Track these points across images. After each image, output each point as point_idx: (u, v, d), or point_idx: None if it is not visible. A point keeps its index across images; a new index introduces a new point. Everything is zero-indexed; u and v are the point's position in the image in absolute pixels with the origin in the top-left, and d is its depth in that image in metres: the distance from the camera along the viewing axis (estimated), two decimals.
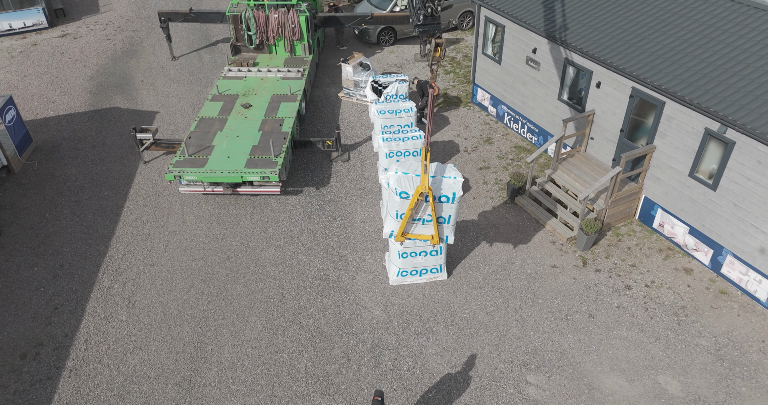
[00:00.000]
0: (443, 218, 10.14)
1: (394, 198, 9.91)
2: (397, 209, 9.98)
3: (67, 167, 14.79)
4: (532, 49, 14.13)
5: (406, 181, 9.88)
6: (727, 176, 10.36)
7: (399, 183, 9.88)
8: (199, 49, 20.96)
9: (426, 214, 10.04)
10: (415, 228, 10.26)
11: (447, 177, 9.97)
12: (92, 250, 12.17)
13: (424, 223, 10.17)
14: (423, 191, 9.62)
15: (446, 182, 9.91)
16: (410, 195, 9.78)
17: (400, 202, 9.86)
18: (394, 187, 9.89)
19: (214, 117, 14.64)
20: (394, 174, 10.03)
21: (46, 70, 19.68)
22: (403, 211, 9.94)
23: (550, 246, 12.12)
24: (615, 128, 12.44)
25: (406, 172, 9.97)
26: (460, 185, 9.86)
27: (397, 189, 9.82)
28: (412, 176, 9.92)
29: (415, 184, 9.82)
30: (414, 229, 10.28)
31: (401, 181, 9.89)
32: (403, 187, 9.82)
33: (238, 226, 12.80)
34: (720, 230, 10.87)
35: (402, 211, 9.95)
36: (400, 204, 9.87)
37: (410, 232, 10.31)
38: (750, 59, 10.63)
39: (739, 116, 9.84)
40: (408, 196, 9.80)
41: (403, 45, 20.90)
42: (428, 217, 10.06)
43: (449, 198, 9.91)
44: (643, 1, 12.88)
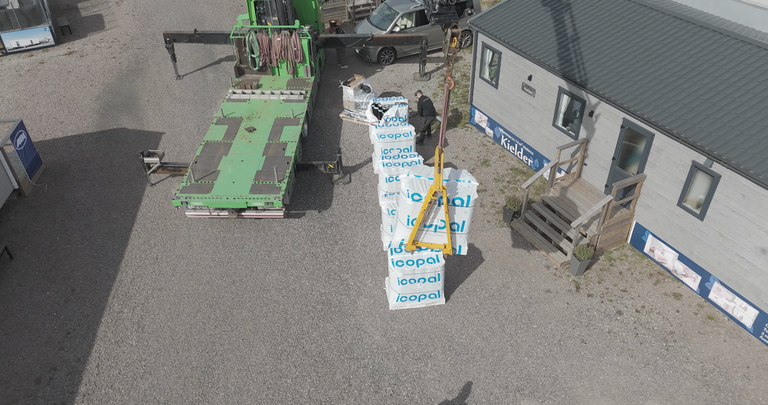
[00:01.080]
0: (457, 224, 9.84)
1: (406, 201, 9.61)
2: (408, 214, 9.68)
3: (77, 190, 15.23)
4: (528, 76, 14.57)
5: (419, 184, 9.63)
6: (714, 207, 10.78)
7: (411, 185, 9.66)
8: (203, 67, 21.40)
9: (438, 220, 9.74)
10: (426, 236, 9.95)
11: (461, 180, 9.77)
12: (102, 274, 12.60)
13: (436, 230, 9.87)
14: (437, 190, 9.35)
15: (461, 185, 9.68)
16: (423, 197, 9.53)
17: (412, 206, 9.56)
18: (406, 190, 9.62)
19: (219, 141, 15.08)
20: (406, 177, 9.82)
21: (54, 89, 20.13)
22: (414, 216, 9.65)
23: (544, 270, 12.54)
24: (607, 156, 12.87)
25: (418, 175, 9.76)
26: (474, 189, 9.61)
27: (410, 191, 9.56)
28: (424, 179, 9.67)
29: (427, 185, 9.57)
30: (425, 237, 9.98)
31: (414, 184, 9.66)
32: (416, 190, 9.58)
33: (242, 249, 13.23)
34: (707, 258, 11.29)
35: (414, 216, 9.66)
36: (412, 207, 9.58)
37: (421, 241, 10.03)
38: (736, 94, 11.05)
39: (724, 151, 10.27)
40: (420, 199, 9.55)
41: (402, 64, 21.33)
42: (441, 223, 9.75)
43: (464, 201, 9.63)
44: (635, 32, 13.33)
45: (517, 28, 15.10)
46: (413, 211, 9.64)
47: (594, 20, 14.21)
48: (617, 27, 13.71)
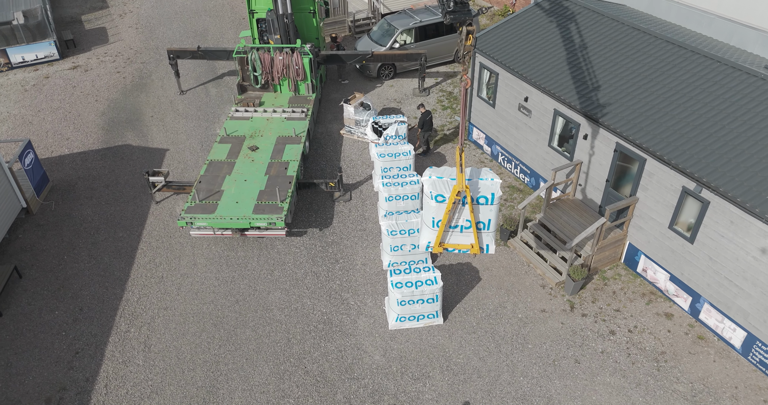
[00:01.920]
0: (483, 223, 9.80)
1: (430, 203, 9.61)
2: (433, 216, 9.65)
3: (83, 208, 15.56)
4: (524, 98, 14.91)
5: (441, 185, 9.62)
6: (703, 232, 11.11)
7: (434, 187, 9.65)
8: (206, 82, 21.74)
9: (464, 220, 9.71)
10: (453, 237, 9.92)
11: (484, 179, 9.76)
12: (109, 294, 12.94)
13: (462, 230, 9.84)
14: (460, 190, 9.34)
15: (483, 183, 9.67)
16: (446, 198, 9.53)
17: (436, 207, 9.54)
18: (429, 191, 9.61)
19: (222, 160, 15.41)
20: (428, 179, 9.80)
21: (59, 104, 20.48)
22: (439, 218, 9.63)
23: (540, 290, 12.87)
24: (601, 178, 13.20)
25: (440, 176, 9.76)
26: (498, 186, 9.61)
27: (432, 193, 9.56)
28: (447, 180, 9.68)
29: (450, 186, 9.58)
30: (451, 238, 9.95)
31: (436, 185, 9.65)
32: (439, 191, 9.58)
33: (246, 268, 13.56)
34: (697, 280, 11.62)
35: (438, 218, 9.63)
36: (436, 209, 9.56)
37: (448, 242, 10.01)
38: (725, 120, 11.39)
39: (713, 178, 10.60)
40: (444, 200, 9.54)
41: (402, 79, 21.67)
42: (466, 223, 9.71)
43: (488, 199, 9.62)
44: (629, 56, 13.66)
45: (514, 50, 15.44)
46: (437, 213, 9.61)
47: (589, 43, 14.55)
48: (612, 50, 14.05)
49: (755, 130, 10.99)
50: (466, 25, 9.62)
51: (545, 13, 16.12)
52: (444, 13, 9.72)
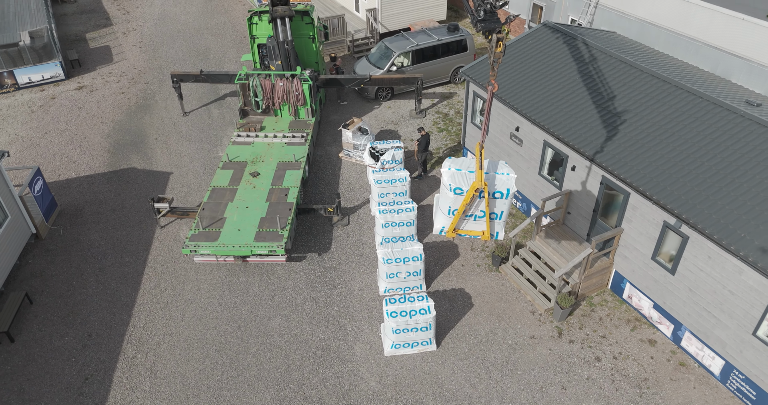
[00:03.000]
0: (495, 214, 10.53)
1: (448, 194, 10.22)
2: (449, 205, 10.30)
3: (90, 232, 16.12)
4: (516, 127, 15.46)
5: (460, 178, 10.25)
6: (683, 264, 11.65)
7: (453, 179, 10.26)
8: (209, 103, 22.30)
9: (478, 210, 10.37)
10: (466, 224, 10.62)
11: (500, 173, 10.37)
12: (116, 319, 13.48)
13: (475, 219, 10.55)
14: (479, 187, 9.96)
15: (500, 178, 10.34)
16: (464, 191, 10.13)
17: (453, 198, 10.18)
18: (448, 183, 10.21)
19: (225, 186, 15.97)
20: (447, 171, 10.37)
21: (66, 126, 21.05)
22: (455, 208, 10.26)
23: (529, 316, 13.40)
24: (589, 208, 13.75)
25: (459, 168, 10.34)
26: (513, 181, 10.23)
27: (451, 185, 10.18)
28: (465, 173, 10.28)
29: (469, 180, 10.17)
30: (465, 225, 10.64)
31: (455, 178, 10.27)
32: (457, 184, 10.21)
33: (247, 294, 14.10)
34: (678, 309, 12.16)
35: (455, 208, 10.27)
36: (453, 200, 10.20)
37: (461, 228, 10.65)
38: (705, 157, 11.93)
39: (691, 215, 11.14)
40: (462, 192, 10.15)
41: (399, 100, 22.23)
42: (480, 213, 10.39)
43: (503, 194, 10.30)
44: (616, 89, 14.19)
45: (506, 80, 15.99)
46: (454, 203, 10.18)
47: (579, 75, 15.09)
48: (600, 83, 14.60)
49: (732, 168, 11.53)
50: (496, 33, 10.16)
51: (537, 43, 16.66)
52: (474, 22, 10.26)
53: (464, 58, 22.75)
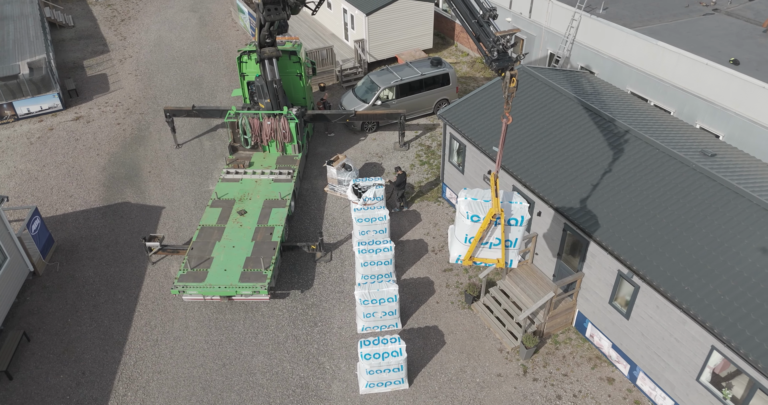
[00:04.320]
0: (510, 241, 11.05)
1: (465, 222, 10.72)
2: (466, 233, 10.81)
3: (85, 269, 16.95)
4: (488, 171, 16.31)
5: (477, 206, 10.86)
6: (636, 311, 12.49)
7: (470, 208, 10.83)
8: (201, 135, 23.15)
9: (494, 238, 10.90)
10: (482, 252, 11.13)
11: (514, 202, 11.00)
12: (108, 357, 14.31)
13: (491, 247, 11.06)
14: (496, 213, 10.53)
15: (514, 207, 10.94)
16: (481, 218, 10.68)
17: (470, 226, 10.70)
18: (465, 211, 10.73)
19: (213, 225, 16.81)
20: (464, 200, 10.98)
21: (63, 159, 21.89)
22: (472, 235, 10.80)
23: (497, 354, 14.23)
24: (554, 251, 14.59)
25: (475, 198, 11.00)
26: (527, 209, 10.89)
27: (468, 213, 10.73)
28: (481, 201, 10.92)
29: (485, 208, 10.74)
30: (480, 253, 11.15)
31: (472, 206, 10.86)
32: (475, 211, 10.77)
33: (232, 331, 14.93)
34: (633, 351, 12.99)
35: (471, 235, 10.80)
36: (470, 227, 10.73)
37: (477, 256, 11.20)
38: (656, 210, 12.78)
39: (641, 266, 11.98)
40: (479, 219, 10.69)
41: (384, 132, 23.08)
42: (495, 241, 10.91)
43: (518, 221, 10.87)
44: (580, 138, 15.05)
45: (479, 124, 16.83)
46: (471, 231, 10.81)
47: (546, 121, 15.94)
48: (565, 131, 15.44)
49: (680, 222, 12.37)
50: (509, 70, 11.01)
51: None
52: (489, 62, 11.15)
53: (447, 91, 23.62)
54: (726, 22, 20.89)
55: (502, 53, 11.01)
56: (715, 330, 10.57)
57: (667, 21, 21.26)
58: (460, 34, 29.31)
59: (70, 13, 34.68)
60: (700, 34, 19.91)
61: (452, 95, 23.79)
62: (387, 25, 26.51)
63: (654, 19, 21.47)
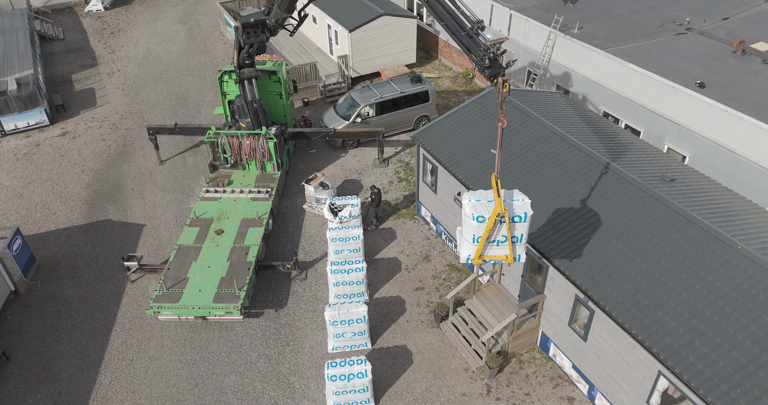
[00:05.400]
0: (516, 237, 11.51)
1: (471, 223, 11.23)
2: (473, 233, 11.31)
3: (65, 287, 17.35)
4: (457, 192, 16.74)
5: (481, 207, 11.34)
6: (592, 334, 12.91)
7: (475, 209, 11.31)
8: (184, 151, 23.55)
9: (500, 235, 11.40)
10: (490, 250, 11.61)
11: (516, 200, 11.49)
12: (84, 377, 14.71)
13: (498, 244, 11.54)
14: (500, 212, 11.04)
15: (516, 204, 11.40)
16: (486, 218, 11.17)
17: (477, 226, 11.20)
18: (470, 213, 11.24)
19: (190, 245, 17.21)
20: (468, 202, 11.47)
21: (48, 175, 22.29)
22: (479, 235, 11.29)
23: (463, 373, 14.64)
24: (518, 273, 15.01)
25: (479, 199, 11.49)
26: (529, 205, 11.37)
27: (474, 214, 11.23)
28: (484, 202, 11.41)
29: (489, 208, 11.22)
30: (489, 251, 11.63)
31: (477, 208, 11.34)
32: (480, 213, 11.26)
33: (206, 351, 15.34)
34: (591, 372, 13.41)
35: (478, 235, 11.29)
36: (477, 228, 11.22)
37: (486, 254, 11.68)
38: (611, 235, 13.20)
39: (595, 292, 12.41)
40: (484, 220, 11.18)
41: (365, 148, 23.49)
42: (502, 238, 11.40)
43: (521, 217, 11.33)
44: (545, 162, 15.48)
45: (450, 146, 17.23)
46: (478, 231, 11.32)
47: (513, 145, 16.34)
48: (532, 154, 15.86)
49: (634, 247, 12.79)
50: (501, 76, 11.54)
51: (481, 109, 17.94)
52: (482, 70, 11.75)
53: (427, 108, 24.05)
54: (697, 43, 21.34)
55: (493, 61, 11.60)
56: (661, 356, 10.99)
57: (641, 41, 21.71)
58: (443, 48, 29.75)
59: (60, 26, 35.08)
60: (670, 56, 20.35)
61: (432, 112, 24.23)
62: (370, 41, 26.96)
63: (627, 39, 21.92)
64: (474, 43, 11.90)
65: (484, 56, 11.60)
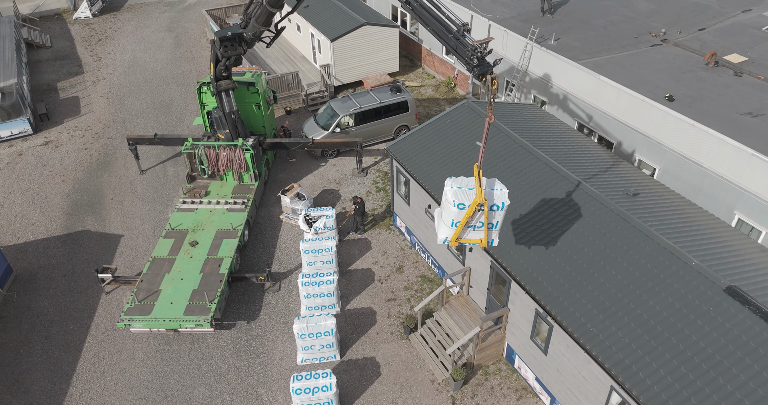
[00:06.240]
0: (492, 224, 12.12)
1: (452, 209, 11.78)
2: (452, 218, 11.88)
3: (41, 299, 17.53)
4: (428, 205, 16.94)
5: (462, 195, 11.84)
6: (551, 348, 13.12)
7: (456, 196, 11.81)
8: (165, 160, 23.73)
9: (478, 222, 12.00)
10: (468, 234, 12.19)
11: (495, 189, 12.03)
12: (56, 389, 14.89)
13: (474, 229, 12.13)
14: (480, 202, 11.56)
15: (496, 193, 11.95)
16: (466, 205, 11.71)
17: (456, 212, 11.74)
18: (452, 200, 11.78)
19: (164, 257, 17.40)
20: (450, 188, 12.00)
21: (29, 185, 22.47)
22: (458, 220, 11.84)
23: (429, 385, 14.84)
24: (484, 286, 15.21)
25: (460, 186, 12.00)
26: (506, 195, 11.94)
27: (455, 201, 11.74)
28: (465, 190, 11.94)
29: (470, 196, 11.77)
30: (466, 235, 12.22)
31: (458, 195, 11.84)
32: (461, 200, 11.75)
33: (177, 362, 15.52)
34: (551, 385, 13.62)
35: (457, 220, 11.85)
36: (456, 214, 11.76)
37: (463, 238, 12.27)
38: (572, 251, 13.40)
39: (553, 306, 12.61)
40: (464, 207, 11.70)
41: (345, 158, 23.69)
42: (479, 224, 12.02)
43: (499, 206, 11.90)
44: (514, 176, 15.62)
45: (422, 159, 17.43)
46: (457, 216, 11.86)
47: (484, 159, 16.51)
48: (501, 168, 16.04)
49: (592, 263, 12.99)
50: (489, 74, 12.15)
51: (454, 122, 18.14)
52: (471, 69, 12.35)
53: (406, 118, 24.25)
54: (671, 55, 21.57)
55: (481, 60, 12.15)
56: (612, 371, 11.20)
57: (615, 52, 21.93)
58: (426, 57, 29.97)
59: (48, 33, 35.27)
60: (643, 68, 20.57)
61: (411, 121, 24.43)
62: (352, 51, 27.16)
63: (603, 50, 22.14)
64: (461, 44, 12.44)
65: (471, 56, 12.17)
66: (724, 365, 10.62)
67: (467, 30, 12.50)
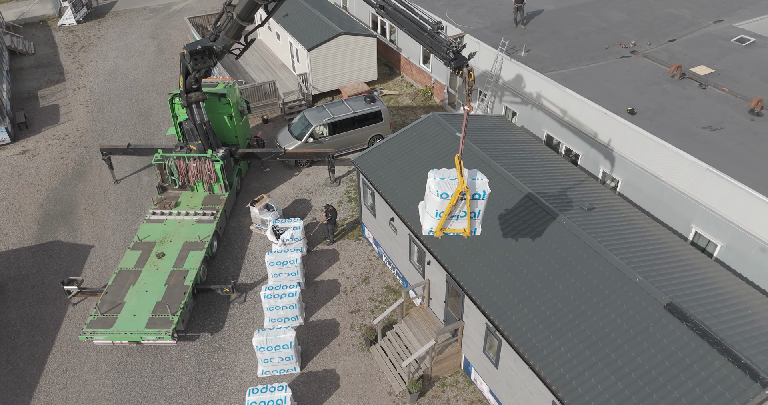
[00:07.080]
0: (474, 213, 12.46)
1: (435, 199, 12.11)
2: (437, 208, 12.20)
3: (9, 310, 17.70)
4: (391, 218, 17.13)
5: (445, 185, 12.19)
6: (502, 362, 13.32)
7: (440, 187, 12.15)
8: (140, 169, 23.90)
9: (461, 211, 12.34)
10: (451, 223, 12.51)
11: (476, 179, 12.40)
12: (18, 401, 15.08)
13: (458, 219, 12.43)
14: (462, 191, 11.90)
15: (477, 183, 12.31)
16: (449, 195, 12.05)
17: (440, 202, 12.08)
18: (435, 190, 12.15)
19: (130, 269, 17.58)
20: (434, 180, 12.38)
21: (3, 195, 22.64)
22: (442, 210, 12.17)
23: (386, 397, 15.03)
24: (442, 298, 15.40)
25: (443, 177, 12.37)
26: (487, 184, 12.33)
27: (438, 191, 12.08)
28: (448, 180, 12.31)
29: (452, 186, 12.12)
30: (450, 225, 12.53)
31: (441, 185, 12.18)
32: (444, 190, 12.08)
33: (139, 375, 15.70)
34: (504, 398, 13.82)
35: (441, 210, 12.17)
36: (440, 204, 12.09)
37: (447, 227, 12.56)
38: (525, 265, 13.60)
39: (501, 321, 12.81)
40: (448, 197, 12.05)
41: (318, 167, 23.88)
42: (461, 213, 12.35)
43: (480, 195, 12.25)
44: None
45: (386, 173, 17.62)
46: (441, 206, 12.18)
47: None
48: None
49: (542, 278, 13.19)
50: (465, 67, 12.62)
51: (419, 135, 18.32)
52: (447, 63, 12.81)
53: (380, 128, 24.45)
54: (638, 67, 21.78)
55: (456, 54, 12.64)
56: (553, 387, 11.40)
57: (584, 64, 22.14)
58: (405, 65, 30.18)
59: (32, 40, 35.45)
60: (609, 80, 20.78)
61: (385, 131, 24.63)
62: (329, 60, 27.35)
63: (572, 61, 22.35)
64: (436, 41, 12.92)
65: (447, 50, 12.62)
66: (659, 382, 10.82)
67: (440, 28, 13.00)
